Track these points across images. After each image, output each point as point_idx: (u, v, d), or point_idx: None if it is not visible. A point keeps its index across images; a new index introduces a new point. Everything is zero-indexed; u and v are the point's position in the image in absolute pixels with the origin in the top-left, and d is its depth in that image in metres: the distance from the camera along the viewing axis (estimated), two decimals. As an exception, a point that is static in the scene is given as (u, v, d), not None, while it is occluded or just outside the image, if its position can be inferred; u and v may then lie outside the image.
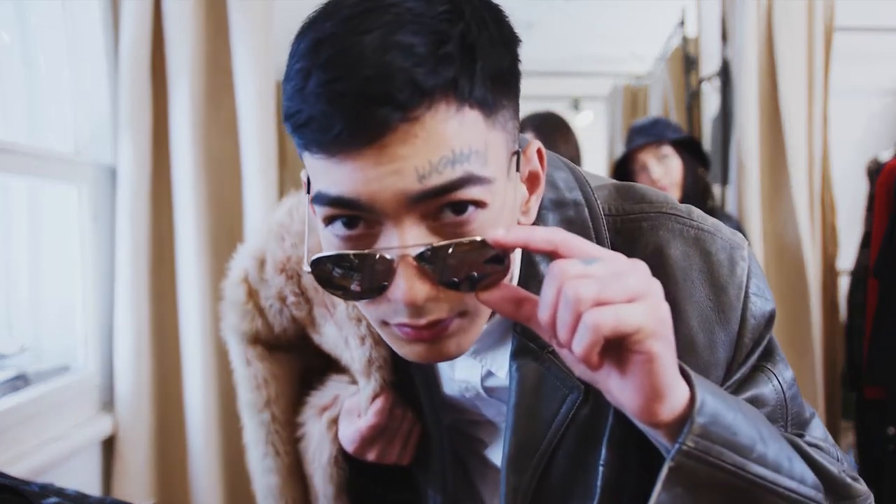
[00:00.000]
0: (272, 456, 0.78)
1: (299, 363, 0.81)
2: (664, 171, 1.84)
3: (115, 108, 1.55)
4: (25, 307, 1.52)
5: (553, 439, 0.60)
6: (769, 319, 0.61)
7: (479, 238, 0.47)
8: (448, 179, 0.47)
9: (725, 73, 2.26)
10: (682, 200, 1.80)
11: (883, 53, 2.70)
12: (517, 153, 0.54)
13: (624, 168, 1.94)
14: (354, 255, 0.49)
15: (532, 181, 0.59)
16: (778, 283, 1.96)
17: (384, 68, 0.45)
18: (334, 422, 0.76)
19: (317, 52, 0.47)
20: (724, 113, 2.37)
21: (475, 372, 0.67)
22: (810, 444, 0.59)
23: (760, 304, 0.60)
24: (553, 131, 1.83)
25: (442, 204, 0.48)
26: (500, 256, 0.48)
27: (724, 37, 2.21)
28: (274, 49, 1.57)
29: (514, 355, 0.61)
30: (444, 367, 0.71)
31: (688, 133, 2.31)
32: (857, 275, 2.15)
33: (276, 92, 2.95)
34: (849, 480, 0.57)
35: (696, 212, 0.63)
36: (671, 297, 0.56)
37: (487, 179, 0.49)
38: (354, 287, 0.50)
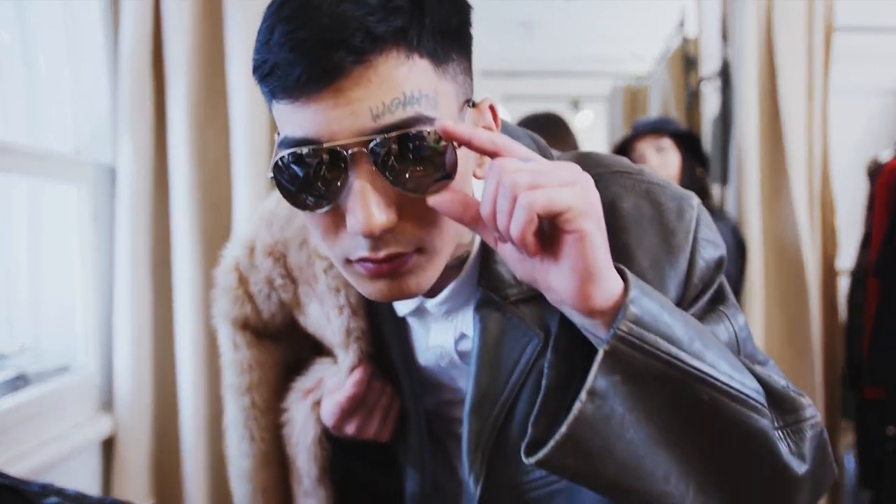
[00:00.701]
0: (248, 440, 0.80)
1: (286, 352, 0.83)
2: (661, 163, 1.83)
3: (115, 108, 1.55)
4: (25, 307, 1.52)
5: (515, 386, 0.62)
6: (718, 264, 0.64)
7: (428, 129, 0.51)
8: (400, 118, 0.51)
9: (725, 73, 2.26)
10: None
11: (883, 53, 2.70)
12: (469, 105, 0.58)
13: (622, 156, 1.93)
14: (310, 150, 0.51)
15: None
16: (778, 283, 1.96)
17: (339, 17, 0.49)
18: (318, 403, 0.77)
19: (281, 9, 0.51)
20: (723, 113, 2.37)
21: (448, 336, 0.69)
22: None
23: (710, 249, 0.63)
24: (552, 131, 1.83)
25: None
26: (448, 159, 0.52)
27: (724, 37, 2.21)
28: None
29: (478, 307, 0.64)
30: (419, 335, 0.72)
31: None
32: (857, 275, 2.15)
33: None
34: (793, 394, 0.58)
35: (648, 170, 0.67)
36: (624, 242, 0.60)
37: (431, 119, 0.52)
38: (312, 196, 0.53)
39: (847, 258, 2.17)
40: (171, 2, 1.51)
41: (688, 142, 1.87)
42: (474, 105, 0.59)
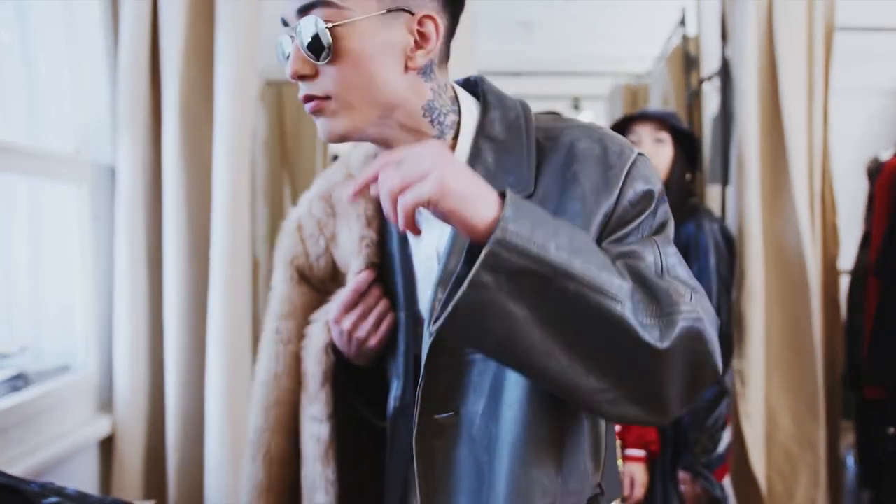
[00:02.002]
0: (273, 359, 0.94)
1: (318, 303, 0.95)
2: (654, 152, 1.82)
3: (115, 108, 1.55)
4: (25, 307, 1.52)
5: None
6: (646, 194, 0.77)
7: (319, 14, 0.72)
8: (306, 3, 0.73)
9: (725, 73, 2.26)
10: (665, 191, 1.79)
11: (883, 53, 2.70)
12: (400, 11, 0.74)
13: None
14: (286, 38, 0.77)
15: (422, 37, 0.77)
16: (778, 282, 1.96)
17: None
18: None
19: None
20: (724, 112, 2.37)
21: (434, 235, 0.82)
22: (656, 276, 0.72)
23: (641, 183, 0.77)
24: None
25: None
26: (325, 42, 0.72)
27: (724, 36, 2.21)
28: (260, 53, 1.58)
29: None
30: (415, 247, 0.85)
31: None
32: (857, 274, 2.15)
33: (276, 97, 2.90)
34: (673, 295, 0.69)
35: (605, 128, 0.82)
36: (574, 172, 0.77)
37: (337, 6, 0.72)
38: (285, 60, 0.77)
39: (847, 258, 2.17)
40: (168, 3, 1.51)
41: (685, 143, 1.87)
42: (413, 14, 0.75)
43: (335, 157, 3.62)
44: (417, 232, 0.68)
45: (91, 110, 1.58)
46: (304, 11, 0.73)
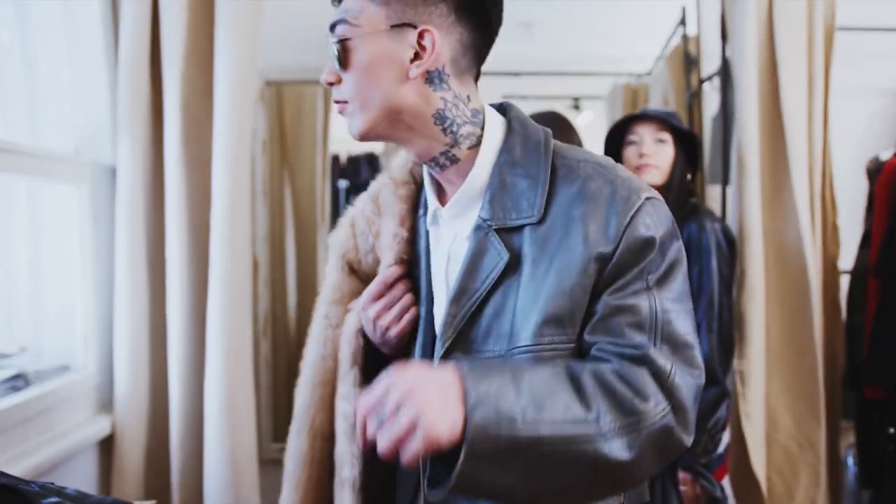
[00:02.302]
0: (321, 342, 1.02)
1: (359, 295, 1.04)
2: (656, 153, 1.81)
3: (115, 108, 1.55)
4: (25, 307, 1.52)
5: (485, 288, 0.84)
6: (648, 244, 0.80)
7: (338, 30, 0.84)
8: (333, 21, 0.85)
9: (725, 73, 2.26)
10: (667, 192, 1.80)
11: (883, 53, 2.70)
12: (404, 26, 0.82)
13: (618, 136, 1.90)
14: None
15: (422, 50, 0.83)
16: (779, 282, 1.95)
17: None
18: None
19: None
20: (724, 112, 2.36)
21: (450, 235, 0.90)
22: (624, 378, 0.77)
23: (642, 229, 0.80)
24: (555, 130, 1.82)
25: None
26: (340, 56, 0.83)
27: (724, 36, 2.21)
28: (260, 53, 1.58)
29: (474, 230, 0.86)
30: (435, 246, 0.92)
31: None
32: (857, 274, 2.15)
33: (276, 97, 2.90)
34: (637, 404, 0.75)
35: (621, 168, 0.85)
36: (582, 212, 0.81)
37: (351, 23, 0.83)
38: None
39: (847, 258, 2.17)
40: (168, 3, 1.51)
41: (686, 143, 1.86)
42: (415, 28, 0.82)
43: (335, 158, 3.62)
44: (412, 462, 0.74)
45: (91, 110, 1.58)
46: (333, 28, 0.85)
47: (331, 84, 0.87)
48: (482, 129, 0.87)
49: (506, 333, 0.83)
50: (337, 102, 0.88)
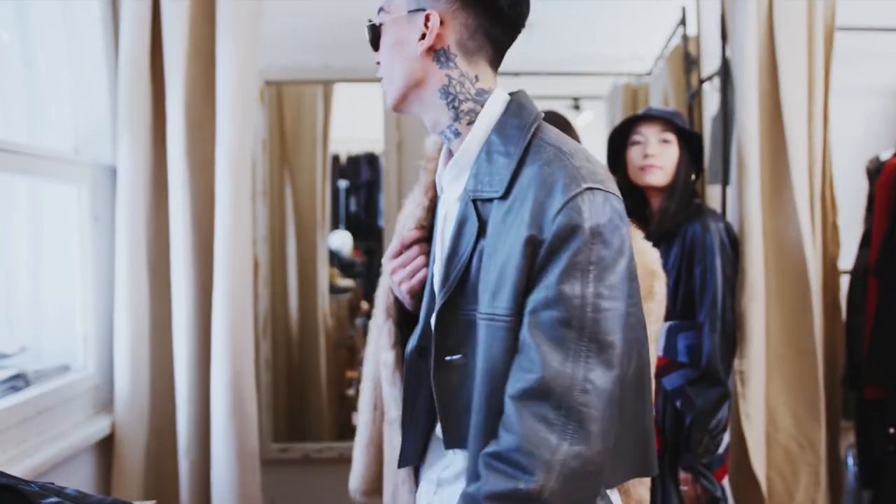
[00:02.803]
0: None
1: None
2: (661, 153, 1.81)
3: (115, 108, 1.55)
4: (25, 307, 1.52)
5: (469, 251, 0.91)
6: (572, 230, 0.83)
7: (377, 17, 0.97)
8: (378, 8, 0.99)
9: (725, 73, 2.26)
10: (671, 192, 1.80)
11: (883, 53, 2.70)
12: (418, 11, 0.92)
13: (622, 137, 1.90)
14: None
15: (424, 34, 0.92)
16: (779, 282, 1.95)
17: None
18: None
19: None
20: (724, 112, 2.36)
21: (457, 185, 0.96)
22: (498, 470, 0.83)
23: (574, 216, 0.83)
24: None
25: None
26: (372, 38, 0.98)
27: (724, 36, 2.21)
28: (260, 53, 1.57)
29: (460, 198, 0.95)
30: (442, 217, 1.00)
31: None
32: (857, 274, 2.15)
33: (276, 97, 2.90)
34: (528, 466, 0.80)
35: (581, 156, 0.89)
36: (530, 194, 0.85)
37: (384, 10, 0.97)
38: None
39: (847, 258, 2.17)
40: (169, 4, 1.51)
41: (690, 144, 1.86)
42: (424, 11, 0.92)
43: (335, 158, 3.62)
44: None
45: (91, 110, 1.58)
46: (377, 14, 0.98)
47: (378, 63, 0.98)
48: (483, 107, 0.94)
49: (479, 296, 0.90)
50: (380, 79, 0.99)
